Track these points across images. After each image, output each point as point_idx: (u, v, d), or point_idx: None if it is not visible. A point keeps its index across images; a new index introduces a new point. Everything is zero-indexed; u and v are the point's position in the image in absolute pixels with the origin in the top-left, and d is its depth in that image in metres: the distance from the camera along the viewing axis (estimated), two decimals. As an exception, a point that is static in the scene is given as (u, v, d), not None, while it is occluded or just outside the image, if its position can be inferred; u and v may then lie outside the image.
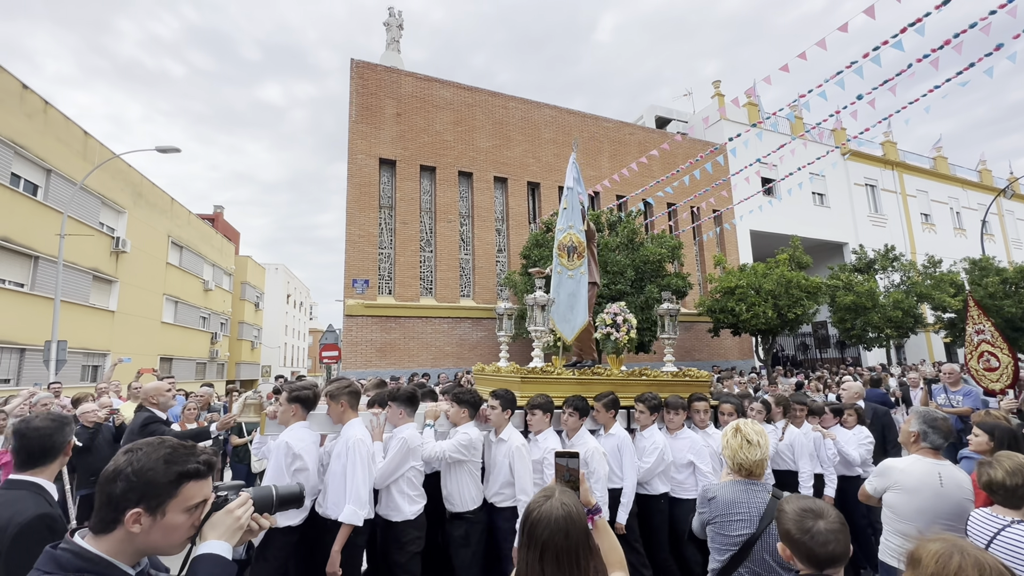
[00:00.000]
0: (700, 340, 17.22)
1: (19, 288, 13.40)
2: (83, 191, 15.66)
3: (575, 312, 4.27)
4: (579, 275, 4.34)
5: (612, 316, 4.09)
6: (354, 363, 12.82)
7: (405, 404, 3.10)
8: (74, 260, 15.32)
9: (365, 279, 13.29)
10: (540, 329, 3.92)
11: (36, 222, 13.80)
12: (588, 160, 16.80)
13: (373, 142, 14.00)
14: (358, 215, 13.48)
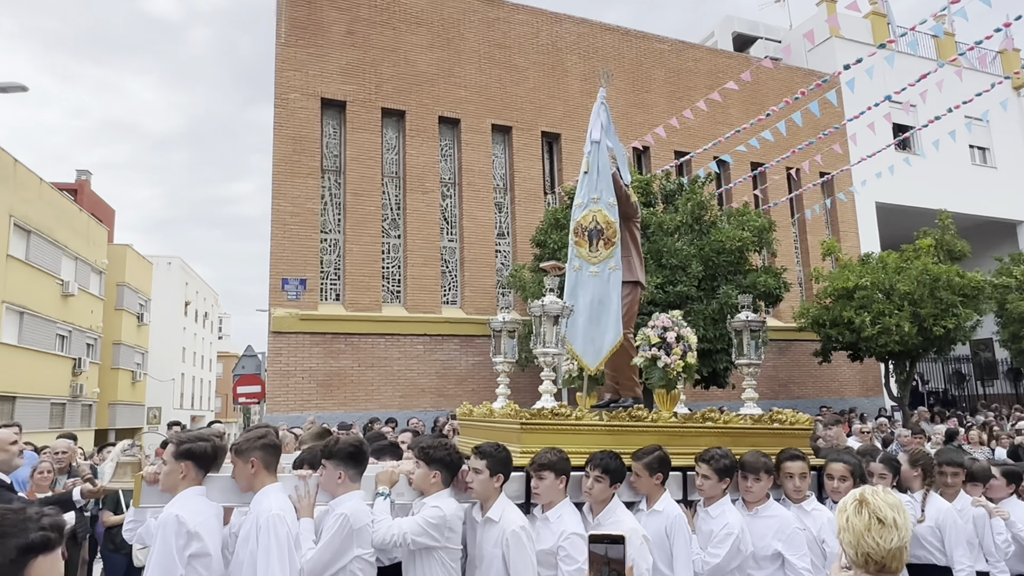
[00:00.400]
0: (802, 367, 17.28)
1: None
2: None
3: (602, 326, 4.27)
4: (607, 272, 4.35)
5: (660, 332, 4.03)
6: (285, 403, 12.94)
7: (346, 463, 3.09)
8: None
9: (301, 279, 13.42)
10: (551, 352, 3.93)
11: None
12: (631, 100, 16.92)
13: (312, 75, 14.15)
14: (290, 183, 13.62)
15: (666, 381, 4.03)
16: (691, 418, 3.92)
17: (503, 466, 3.21)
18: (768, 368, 16.75)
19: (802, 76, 18.95)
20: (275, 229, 13.40)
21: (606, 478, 3.29)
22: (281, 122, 13.73)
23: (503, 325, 4.47)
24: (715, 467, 3.46)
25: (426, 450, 3.23)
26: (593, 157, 4.53)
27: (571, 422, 3.66)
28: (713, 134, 16.72)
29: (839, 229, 18.89)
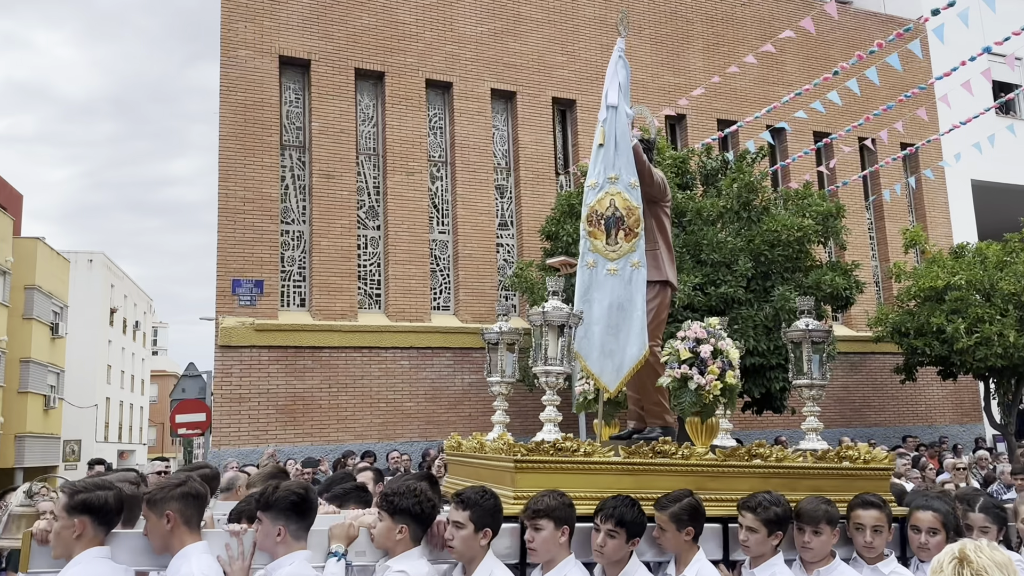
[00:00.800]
0: (880, 388, 17.39)
1: None
2: None
3: (623, 338, 4.28)
4: (628, 269, 4.37)
5: (691, 345, 4.02)
6: (237, 435, 13.23)
7: (287, 516, 3.11)
8: None
9: (256, 280, 13.70)
10: (554, 370, 3.91)
11: None
12: (661, 57, 17.14)
13: (267, 27, 14.45)
14: (241, 162, 13.92)
15: (700, 407, 3.97)
16: (734, 454, 3.85)
17: (490, 518, 3.19)
18: (836, 389, 16.78)
19: (878, 23, 19.10)
20: (223, 219, 13.69)
21: (621, 533, 3.24)
22: (229, 85, 14.03)
23: (500, 336, 4.49)
24: (762, 517, 3.40)
25: (389, 498, 3.20)
26: (610, 126, 4.54)
27: (578, 459, 3.61)
28: (765, 98, 16.89)
29: (925, 214, 18.97)
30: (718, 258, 11.43)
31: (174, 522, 3.02)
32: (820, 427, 4.26)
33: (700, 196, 12.80)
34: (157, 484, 3.14)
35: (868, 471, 3.96)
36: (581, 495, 3.45)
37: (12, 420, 28.84)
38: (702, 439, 4.08)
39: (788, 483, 3.79)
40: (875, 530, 3.55)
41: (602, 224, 4.40)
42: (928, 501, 3.70)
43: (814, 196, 12.50)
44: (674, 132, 17.29)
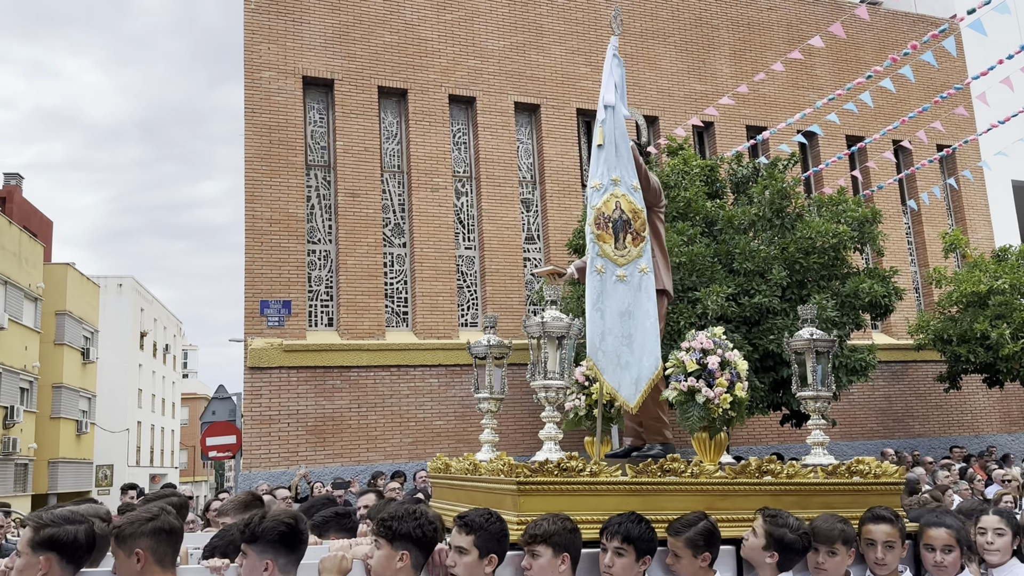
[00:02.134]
0: (924, 397, 17.11)
1: None
2: None
3: (637, 349, 4.15)
4: (637, 275, 4.25)
5: (698, 356, 3.95)
6: (267, 456, 13.26)
7: (275, 549, 2.95)
8: None
9: (284, 300, 13.78)
10: (554, 385, 3.81)
11: None
12: (688, 64, 17.07)
13: (290, 48, 14.60)
14: (267, 183, 14.03)
15: (708, 421, 3.89)
16: (744, 471, 3.72)
17: (496, 543, 3.04)
18: (878, 399, 16.64)
19: (910, 23, 18.92)
20: (250, 240, 13.80)
21: (630, 550, 3.13)
22: (254, 107, 14.17)
23: (487, 350, 4.39)
24: (771, 537, 3.36)
25: (387, 522, 3.01)
26: (608, 126, 4.44)
27: (584, 479, 3.48)
28: (795, 103, 16.77)
29: (965, 217, 18.71)
30: (751, 267, 11.29)
31: (145, 560, 2.83)
32: (826, 441, 4.18)
33: (731, 204, 12.69)
34: (127, 518, 2.93)
35: (879, 486, 3.89)
36: (587, 518, 3.33)
37: (45, 446, 29.30)
38: (710, 455, 3.99)
39: (800, 500, 3.72)
40: (887, 546, 3.48)
41: (610, 227, 4.26)
42: (940, 518, 3.65)
43: (849, 201, 12.35)
44: (702, 140, 17.20)
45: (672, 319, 10.86)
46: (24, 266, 27.79)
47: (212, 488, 50.17)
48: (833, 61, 17.89)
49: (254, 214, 13.85)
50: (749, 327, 11.32)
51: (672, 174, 12.24)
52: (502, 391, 4.38)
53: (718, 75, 17.09)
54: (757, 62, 16.99)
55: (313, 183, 14.81)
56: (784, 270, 11.32)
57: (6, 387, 26.04)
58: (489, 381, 4.37)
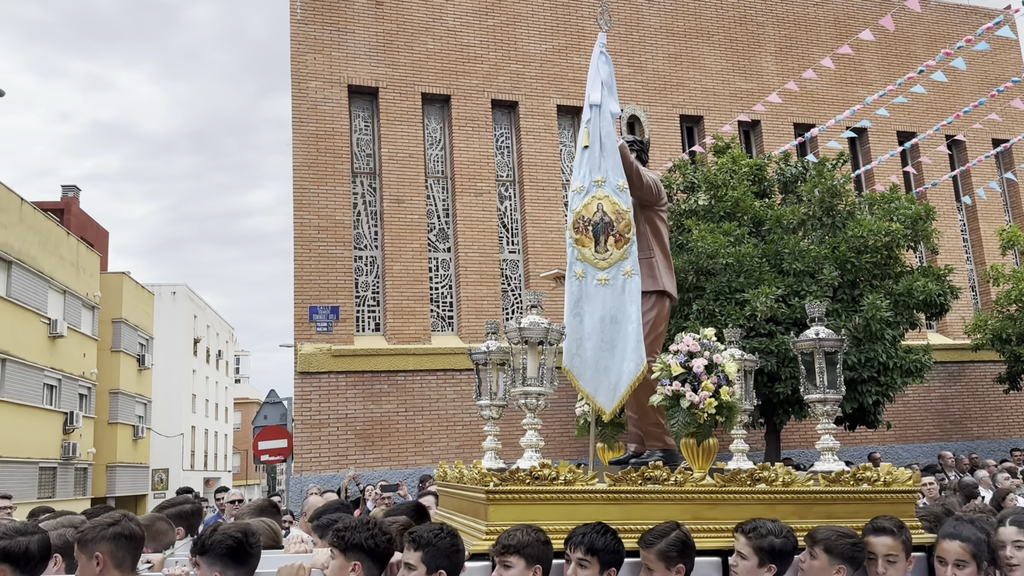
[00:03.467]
0: (982, 398, 16.66)
1: None
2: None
3: (618, 353, 4.09)
4: (620, 279, 4.18)
5: (684, 359, 3.85)
6: (317, 460, 13.44)
7: (224, 562, 2.97)
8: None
9: (332, 306, 13.96)
10: (534, 391, 3.75)
11: None
12: (733, 62, 16.90)
13: (335, 58, 14.82)
14: (314, 191, 14.25)
15: (695, 427, 3.80)
16: (735, 479, 3.58)
17: (446, 559, 2.99)
18: (934, 401, 16.27)
19: (962, 15, 18.47)
20: (299, 247, 14.03)
21: (593, 562, 3.04)
22: (301, 116, 14.40)
23: (488, 356, 4.30)
24: (756, 544, 3.19)
25: (340, 533, 3.03)
26: (594, 126, 4.34)
27: (558, 488, 3.38)
28: (844, 99, 16.48)
29: (1023, 213, 18.24)
30: (801, 267, 11.12)
31: (104, 564, 2.89)
32: (836, 446, 3.98)
33: (779, 204, 12.52)
34: (89, 523, 3.00)
35: (889, 494, 3.65)
36: (562, 528, 3.21)
37: (103, 451, 30.10)
38: (699, 462, 3.88)
39: (798, 510, 3.55)
40: (888, 560, 3.27)
41: (590, 230, 4.18)
42: (956, 528, 3.36)
43: (901, 199, 12.09)
44: (748, 139, 17.00)
45: (719, 321, 10.74)
46: (82, 275, 28.60)
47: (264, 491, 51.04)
48: (883, 56, 17.55)
49: (302, 221, 14.07)
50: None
51: (719, 173, 12.13)
52: (504, 398, 4.31)
53: (764, 72, 16.88)
54: (804, 58, 16.75)
55: (359, 190, 14.99)
56: (835, 270, 11.13)
57: (66, 393, 26.82)
58: (491, 388, 4.28)
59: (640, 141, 5.16)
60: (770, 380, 10.94)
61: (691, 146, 16.13)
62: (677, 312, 11.58)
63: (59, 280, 26.53)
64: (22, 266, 24.11)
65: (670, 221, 12.44)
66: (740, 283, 11.01)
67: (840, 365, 4.00)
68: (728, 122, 15.13)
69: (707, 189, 12.05)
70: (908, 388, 13.31)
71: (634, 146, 5.04)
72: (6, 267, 23.37)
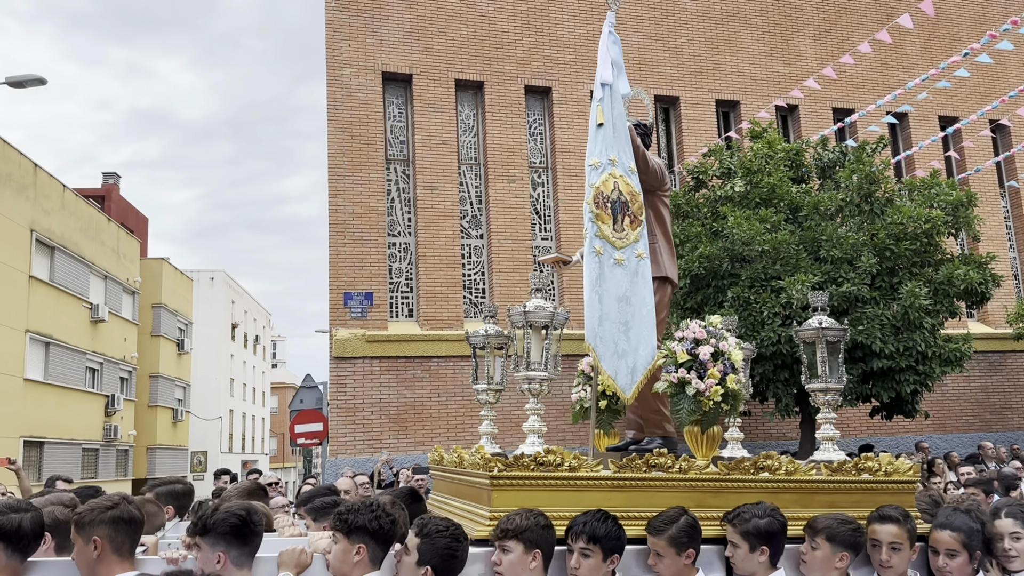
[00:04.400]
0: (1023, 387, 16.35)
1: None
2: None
3: (633, 337, 3.99)
4: (634, 260, 4.08)
5: (689, 346, 3.80)
6: (352, 443, 13.59)
7: (228, 541, 2.92)
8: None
9: (366, 292, 14.07)
10: (537, 376, 3.71)
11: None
12: (771, 43, 16.65)
13: (369, 44, 14.85)
14: (349, 178, 14.33)
15: (700, 415, 3.76)
16: (738, 467, 3.56)
17: (440, 544, 2.94)
18: (975, 391, 15.99)
19: (1007, -3, 18.00)
20: (334, 234, 14.13)
21: (596, 551, 3.02)
22: (336, 103, 14.47)
23: (486, 340, 4.27)
24: (744, 529, 3.19)
25: (343, 516, 2.97)
26: (607, 105, 4.25)
27: (562, 474, 3.35)
28: (885, 83, 16.16)
29: (1069, 199, 17.80)
30: (839, 254, 10.96)
31: (102, 548, 2.83)
32: (836, 435, 3.96)
33: (816, 190, 12.34)
34: (88, 506, 2.95)
35: (890, 484, 3.66)
36: (566, 515, 3.18)
37: (144, 433, 30.74)
38: (703, 450, 3.87)
39: (800, 499, 3.54)
40: (893, 547, 3.27)
41: (608, 207, 4.08)
42: (949, 518, 3.37)
43: (942, 185, 11.84)
44: (786, 124, 16.76)
45: (755, 309, 10.63)
46: (122, 261, 29.13)
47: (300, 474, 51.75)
48: (925, 38, 17.16)
49: (337, 208, 14.17)
50: (837, 316, 10.98)
51: (755, 159, 11.98)
52: (501, 382, 4.27)
53: (803, 56, 16.61)
54: (843, 41, 16.44)
55: (393, 177, 15.05)
56: (874, 257, 10.95)
57: (107, 377, 27.39)
58: (488, 372, 4.24)
59: (644, 124, 5.08)
60: (806, 368, 10.81)
61: (727, 131, 15.96)
62: (712, 299, 11.49)
63: (100, 266, 27.04)
64: (65, 252, 24.61)
65: (705, 208, 12.34)
66: (776, 270, 10.88)
67: (842, 355, 3.97)
68: (765, 107, 14.91)
69: (743, 175, 11.91)
70: (947, 378, 13.09)
71: (638, 129, 4.95)
72: (49, 253, 23.87)
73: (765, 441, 13.90)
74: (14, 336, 21.70)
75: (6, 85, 14.71)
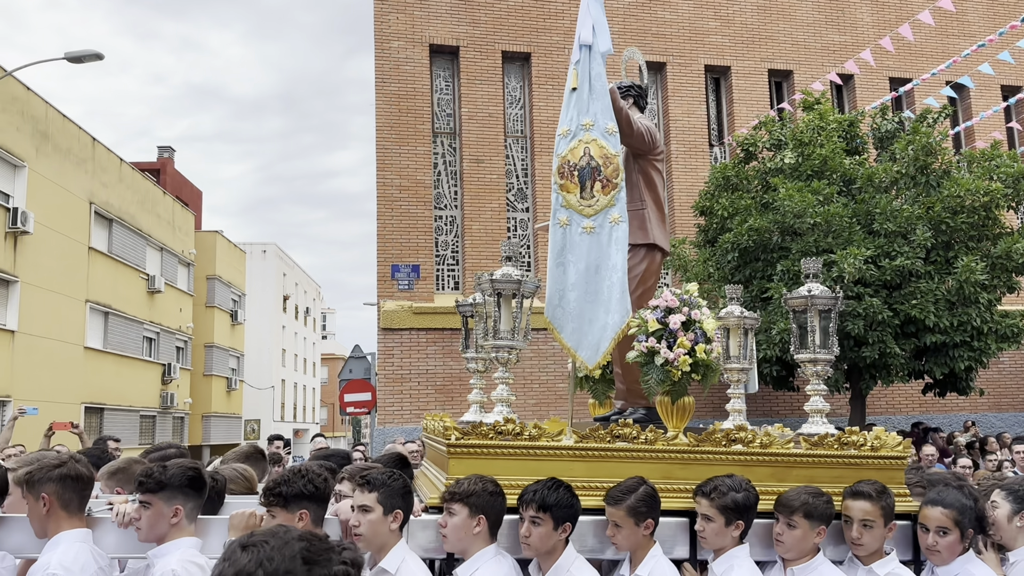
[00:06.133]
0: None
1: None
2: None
3: (602, 305, 3.94)
4: (607, 226, 4.02)
5: (661, 315, 3.71)
6: (399, 413, 13.79)
7: (183, 494, 2.97)
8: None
9: (413, 264, 14.19)
10: (504, 344, 3.68)
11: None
12: (826, 11, 16.21)
13: (417, 17, 14.82)
14: (396, 151, 14.41)
15: (670, 385, 3.69)
16: (709, 438, 3.47)
17: (400, 499, 2.98)
18: None
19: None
20: (381, 207, 14.25)
21: (546, 519, 2.97)
22: (383, 77, 14.52)
23: (475, 309, 4.24)
24: (720, 504, 3.09)
25: (275, 490, 2.99)
26: (583, 68, 4.17)
27: (521, 444, 3.32)
28: (944, 51, 15.64)
29: None
30: (893, 228, 10.70)
31: (51, 505, 2.91)
32: (826, 408, 3.82)
33: (871, 162, 12.05)
34: (36, 465, 3.02)
35: (875, 459, 3.52)
36: (525, 484, 3.13)
37: (199, 401, 31.55)
38: (673, 421, 3.79)
39: (776, 472, 3.45)
40: (865, 524, 3.17)
41: (575, 176, 4.03)
42: (940, 494, 3.23)
43: (1003, 157, 11.47)
44: (840, 93, 16.34)
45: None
46: (177, 234, 29.76)
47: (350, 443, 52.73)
48: (987, 5, 16.54)
49: (385, 182, 14.28)
50: (890, 291, 10.78)
51: (807, 130, 11.73)
52: None
53: (859, 24, 16.14)
54: (902, 8, 15.93)
55: (439, 150, 15.08)
56: (929, 231, 10.68)
57: (164, 346, 28.13)
58: (478, 340, 4.17)
59: (639, 86, 4.99)
60: (856, 344, 10.63)
61: (779, 102, 15.64)
62: (761, 272, 11.34)
63: (156, 238, 27.67)
64: (122, 224, 25.23)
65: (755, 180, 12.14)
66: (828, 243, 10.68)
67: (834, 324, 3.83)
68: (819, 78, 14.56)
69: (794, 147, 11.68)
70: (1004, 354, 12.77)
71: (631, 91, 4.89)
72: (107, 225, 24.50)
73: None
74: (75, 306, 22.37)
75: (65, 60, 15.05)
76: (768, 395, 13.88)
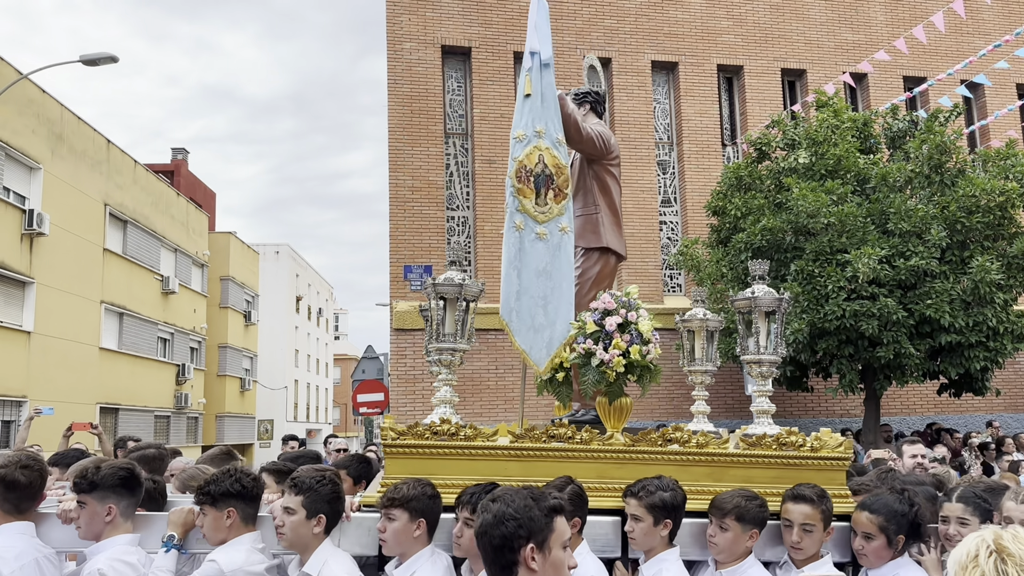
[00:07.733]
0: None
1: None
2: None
3: (551, 310, 4.04)
4: (557, 235, 4.12)
5: (598, 317, 3.78)
6: (412, 413, 13.80)
7: (119, 493, 3.08)
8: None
9: (425, 265, 14.22)
10: (447, 347, 3.75)
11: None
12: (838, 10, 16.14)
13: (429, 18, 14.86)
14: (408, 152, 14.44)
15: (605, 386, 3.77)
16: (645, 439, 3.53)
17: (326, 504, 3.05)
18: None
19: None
20: (393, 207, 14.29)
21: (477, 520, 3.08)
22: (396, 78, 14.56)
23: (435, 310, 4.23)
24: (648, 503, 3.12)
25: (204, 488, 3.08)
26: (535, 75, 4.25)
27: (456, 444, 3.39)
28: (959, 50, 15.55)
29: None
30: (907, 227, 10.64)
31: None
32: (771, 409, 3.85)
33: (885, 161, 11.98)
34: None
35: (816, 460, 3.52)
36: (460, 483, 3.21)
37: (213, 401, 31.73)
38: (611, 421, 3.84)
39: (712, 472, 3.48)
40: (804, 528, 3.17)
41: (531, 181, 4.12)
42: (871, 499, 3.25)
43: (1019, 155, 11.38)
44: (854, 93, 16.27)
45: (819, 283, 10.41)
46: (191, 235, 29.94)
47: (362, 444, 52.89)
48: (1003, 3, 16.42)
49: (397, 182, 14.31)
50: (904, 291, 10.72)
51: (820, 129, 11.68)
52: None
53: (872, 23, 16.06)
54: (916, 7, 15.85)
55: (451, 151, 15.11)
56: (944, 230, 10.61)
57: (178, 347, 28.31)
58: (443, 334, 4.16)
59: (596, 92, 5.02)
60: (871, 344, 10.58)
61: (792, 102, 15.58)
62: (774, 272, 11.31)
63: (171, 239, 27.85)
64: (137, 225, 25.41)
65: (768, 180, 12.09)
66: (841, 243, 10.63)
67: (780, 326, 3.86)
68: (832, 78, 14.50)
69: (808, 146, 11.63)
70: (1020, 354, 12.67)
71: (588, 97, 4.90)
72: (122, 226, 24.68)
73: (828, 418, 13.65)
74: (90, 307, 22.55)
75: (80, 63, 15.17)
76: (782, 396, 13.84)
